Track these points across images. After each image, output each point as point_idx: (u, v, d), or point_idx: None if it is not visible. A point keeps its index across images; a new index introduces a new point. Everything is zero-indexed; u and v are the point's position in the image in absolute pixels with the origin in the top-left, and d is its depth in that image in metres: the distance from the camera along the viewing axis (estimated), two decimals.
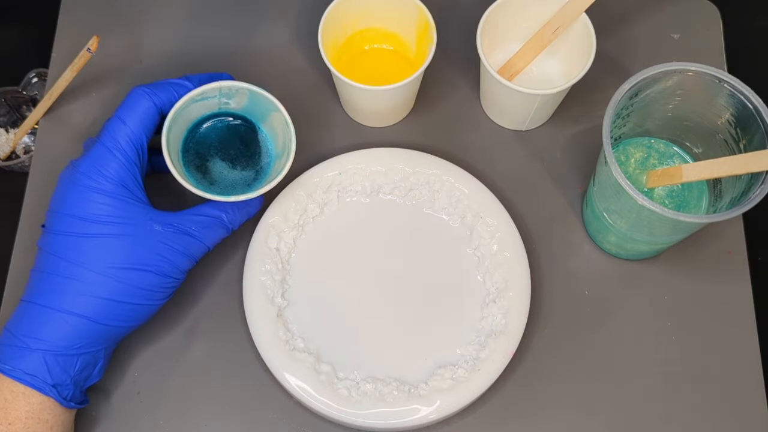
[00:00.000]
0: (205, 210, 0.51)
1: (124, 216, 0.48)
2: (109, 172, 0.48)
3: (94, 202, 0.48)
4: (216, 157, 0.54)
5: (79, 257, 0.47)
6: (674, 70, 0.48)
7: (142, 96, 0.50)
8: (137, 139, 0.49)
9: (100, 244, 0.47)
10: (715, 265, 0.57)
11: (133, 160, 0.49)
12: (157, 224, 0.49)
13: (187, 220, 0.50)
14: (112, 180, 0.48)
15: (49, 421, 0.47)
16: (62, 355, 0.46)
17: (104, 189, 0.48)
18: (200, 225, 0.50)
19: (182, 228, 0.49)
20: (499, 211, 0.56)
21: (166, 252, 0.48)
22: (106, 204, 0.48)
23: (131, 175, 0.49)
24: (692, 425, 0.53)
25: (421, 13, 0.56)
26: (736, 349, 0.54)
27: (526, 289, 0.54)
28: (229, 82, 0.51)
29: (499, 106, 0.59)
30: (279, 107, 0.52)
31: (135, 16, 0.64)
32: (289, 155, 0.52)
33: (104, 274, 0.47)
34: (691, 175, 0.49)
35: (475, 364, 0.52)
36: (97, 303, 0.47)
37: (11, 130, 0.78)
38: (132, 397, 0.53)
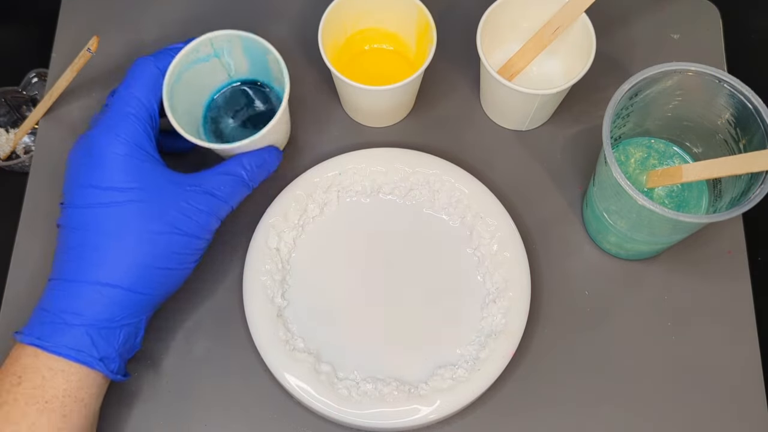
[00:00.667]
0: (225, 168, 0.50)
1: (145, 179, 0.47)
2: (124, 136, 0.48)
3: (112, 168, 0.47)
4: (229, 120, 0.55)
5: (104, 227, 0.46)
6: (674, 70, 0.48)
7: (145, 63, 0.50)
8: (147, 103, 0.49)
9: (124, 210, 0.46)
10: (715, 265, 0.57)
11: (147, 123, 0.49)
12: (179, 185, 0.48)
13: (207, 179, 0.50)
14: (128, 143, 0.47)
15: (84, 399, 0.46)
16: (105, 328, 0.46)
17: (121, 152, 0.47)
18: (221, 183, 0.50)
19: (204, 188, 0.49)
20: (499, 211, 0.56)
21: (191, 213, 0.48)
22: (125, 170, 0.47)
23: (147, 137, 0.48)
24: (692, 425, 0.53)
25: (421, 13, 0.56)
26: (736, 349, 0.54)
27: (526, 289, 0.54)
28: (218, 32, 0.51)
29: (499, 106, 0.59)
30: (269, 48, 0.52)
31: (135, 16, 0.64)
32: (284, 90, 0.51)
33: (133, 240, 0.46)
34: (691, 175, 0.49)
35: (475, 364, 0.52)
36: (130, 271, 0.46)
37: (11, 130, 0.78)
38: (132, 398, 0.53)
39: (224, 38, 0.52)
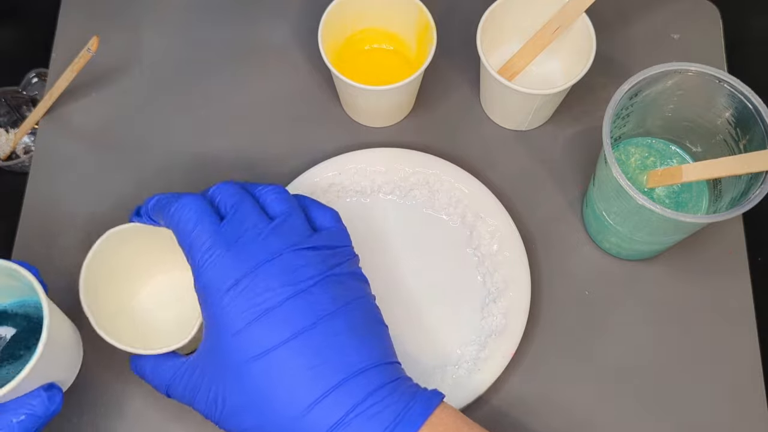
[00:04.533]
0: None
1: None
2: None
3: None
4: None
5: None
6: (674, 70, 0.48)
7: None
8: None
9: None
10: (715, 265, 0.57)
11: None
12: None
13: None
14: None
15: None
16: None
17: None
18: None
19: None
20: (499, 211, 0.56)
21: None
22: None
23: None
24: (692, 425, 0.53)
25: (421, 13, 0.56)
26: (736, 349, 0.54)
27: (526, 289, 0.54)
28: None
29: (499, 106, 0.59)
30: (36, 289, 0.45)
31: (135, 16, 0.65)
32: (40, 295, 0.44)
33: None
34: (691, 175, 0.49)
35: (475, 364, 0.52)
36: None
37: (11, 130, 0.78)
38: (132, 397, 0.53)
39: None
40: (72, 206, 0.58)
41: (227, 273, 0.42)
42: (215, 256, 0.43)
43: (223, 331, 0.42)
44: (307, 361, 0.41)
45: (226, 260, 0.43)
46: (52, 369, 0.45)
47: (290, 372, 0.41)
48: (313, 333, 0.42)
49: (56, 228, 0.58)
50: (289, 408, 0.41)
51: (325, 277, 0.44)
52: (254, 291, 0.42)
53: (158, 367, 0.46)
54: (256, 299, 0.42)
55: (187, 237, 0.44)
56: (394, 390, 0.42)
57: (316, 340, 0.42)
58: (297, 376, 0.41)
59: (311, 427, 0.41)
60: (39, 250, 0.57)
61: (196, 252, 0.43)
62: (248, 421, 0.42)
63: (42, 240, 0.57)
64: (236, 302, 0.42)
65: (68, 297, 0.56)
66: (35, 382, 0.44)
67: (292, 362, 0.41)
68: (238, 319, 0.42)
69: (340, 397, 0.41)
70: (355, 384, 0.41)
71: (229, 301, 0.42)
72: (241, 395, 0.42)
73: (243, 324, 0.42)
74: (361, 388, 0.41)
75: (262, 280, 0.42)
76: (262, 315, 0.42)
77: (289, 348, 0.41)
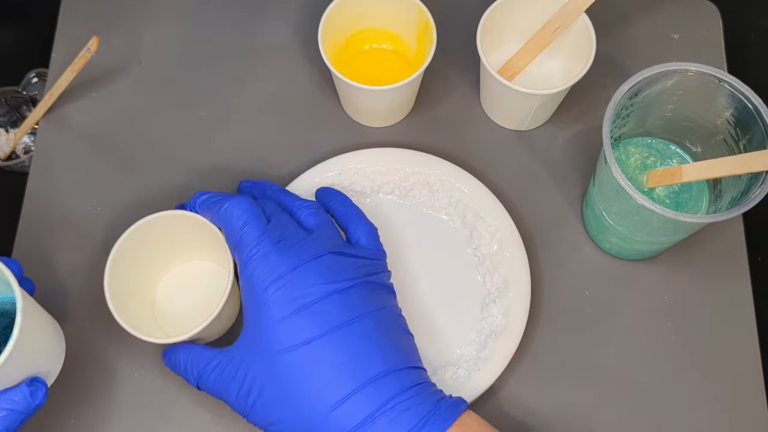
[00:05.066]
0: None
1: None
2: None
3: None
4: None
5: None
6: (674, 70, 0.48)
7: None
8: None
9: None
10: (715, 265, 0.57)
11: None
12: None
13: None
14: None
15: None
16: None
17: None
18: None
19: None
20: (499, 211, 0.56)
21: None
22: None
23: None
24: (692, 425, 0.53)
25: (421, 13, 0.56)
26: (736, 349, 0.54)
27: (526, 289, 0.54)
28: None
29: (499, 106, 0.59)
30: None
31: (135, 16, 0.65)
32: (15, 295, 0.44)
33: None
34: (691, 175, 0.49)
35: (475, 364, 0.52)
36: None
37: (11, 130, 0.78)
38: (133, 399, 0.53)
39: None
40: (72, 206, 0.58)
41: (273, 267, 0.45)
42: (262, 251, 0.46)
43: (264, 320, 0.44)
44: (341, 356, 0.43)
45: (272, 256, 0.45)
46: (31, 360, 0.45)
47: (323, 365, 0.43)
48: (349, 330, 0.44)
49: (56, 228, 0.58)
50: (319, 402, 0.43)
51: (361, 282, 0.46)
52: (296, 286, 0.45)
53: (193, 359, 0.47)
54: (297, 293, 0.44)
55: (237, 233, 0.47)
56: (419, 393, 0.44)
57: (350, 338, 0.44)
58: (330, 370, 0.43)
59: (337, 423, 0.42)
60: (39, 250, 0.57)
61: (244, 247, 0.46)
62: (276, 414, 0.44)
63: (42, 240, 0.57)
64: (279, 294, 0.44)
65: (68, 297, 0.56)
66: (15, 375, 0.44)
67: (326, 356, 0.43)
68: (279, 310, 0.44)
69: (369, 395, 0.43)
70: (384, 384, 0.43)
71: (273, 293, 0.44)
72: (273, 385, 0.44)
73: (284, 314, 0.44)
74: (390, 389, 0.43)
75: (305, 276, 0.45)
76: (303, 308, 0.44)
77: (325, 342, 0.43)
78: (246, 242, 0.46)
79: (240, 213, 0.47)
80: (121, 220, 0.58)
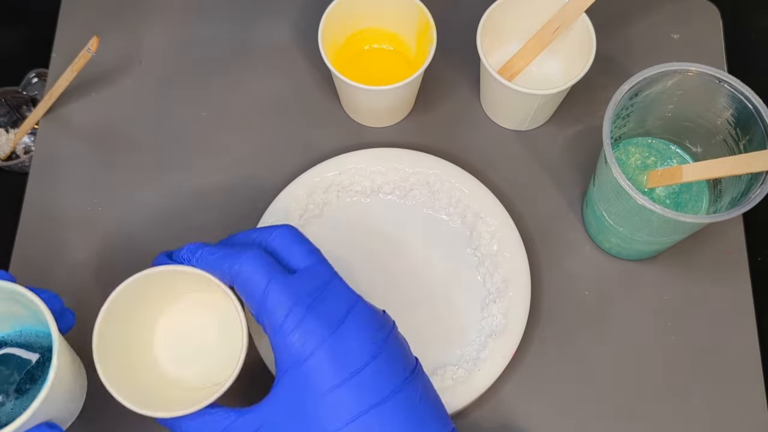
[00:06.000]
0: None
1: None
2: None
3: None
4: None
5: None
6: (674, 70, 0.48)
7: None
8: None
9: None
10: (715, 265, 0.57)
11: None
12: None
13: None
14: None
15: None
16: None
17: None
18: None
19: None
20: (499, 211, 0.56)
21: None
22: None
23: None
24: (692, 425, 0.53)
25: (421, 13, 0.56)
26: (736, 349, 0.54)
27: (526, 289, 0.54)
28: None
29: (499, 106, 0.59)
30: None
31: (135, 16, 0.65)
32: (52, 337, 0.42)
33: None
34: (691, 175, 0.49)
35: (475, 364, 0.52)
36: None
37: (11, 130, 0.78)
38: None
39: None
40: (72, 206, 0.58)
41: (312, 332, 0.41)
42: (297, 317, 0.41)
43: (310, 391, 0.41)
44: (394, 426, 0.41)
45: (308, 321, 0.41)
46: (54, 409, 0.44)
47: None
48: (398, 399, 0.41)
49: (56, 228, 0.58)
50: None
51: (391, 336, 0.43)
52: (341, 350, 0.41)
53: (204, 425, 0.43)
54: (343, 360, 0.41)
55: (260, 297, 0.42)
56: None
57: (400, 406, 0.41)
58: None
59: None
60: (39, 250, 0.57)
61: (274, 314, 0.42)
62: None
63: (42, 240, 0.57)
64: (325, 363, 0.41)
65: (68, 298, 0.56)
66: (39, 417, 0.42)
67: (380, 427, 0.40)
68: (328, 380, 0.40)
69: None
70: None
71: (318, 361, 0.41)
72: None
73: (332, 384, 0.40)
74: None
75: (346, 338, 0.41)
76: (353, 376, 0.41)
77: (378, 414, 0.40)
78: (275, 308, 0.42)
79: (260, 274, 0.42)
80: (121, 221, 0.58)
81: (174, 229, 0.57)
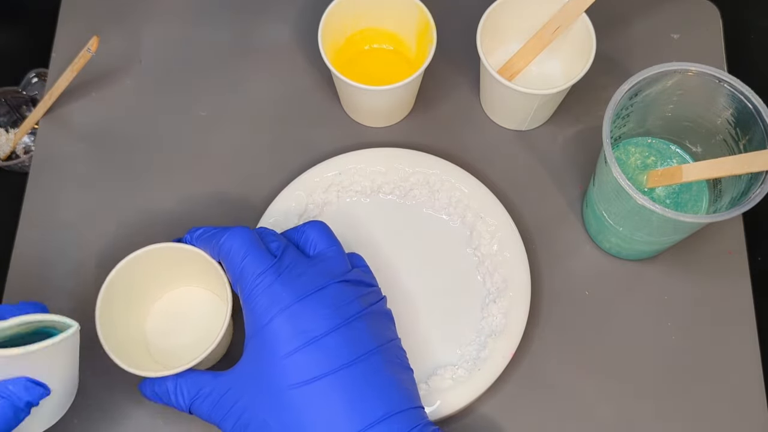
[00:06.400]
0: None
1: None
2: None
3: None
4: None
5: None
6: (674, 70, 0.48)
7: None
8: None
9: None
10: (715, 265, 0.57)
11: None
12: None
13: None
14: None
15: None
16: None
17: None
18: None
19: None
20: (499, 211, 0.56)
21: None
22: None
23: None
24: (692, 425, 0.53)
25: (421, 13, 0.56)
26: (736, 349, 0.54)
27: (526, 289, 0.54)
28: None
29: (499, 106, 0.59)
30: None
31: (135, 16, 0.65)
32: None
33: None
34: (691, 175, 0.49)
35: (475, 364, 0.52)
36: None
37: (11, 130, 0.78)
38: (134, 398, 0.53)
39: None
40: (72, 206, 0.58)
41: (278, 298, 0.44)
42: (266, 281, 0.44)
43: (269, 354, 0.43)
44: (348, 396, 0.42)
45: (276, 286, 0.44)
46: (50, 369, 0.44)
47: (330, 405, 0.42)
48: (356, 369, 0.43)
49: (56, 228, 0.58)
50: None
51: (366, 313, 0.45)
52: (302, 318, 0.43)
53: (183, 385, 0.46)
54: (303, 326, 0.43)
55: (238, 265, 0.45)
56: (423, 429, 0.43)
57: (357, 376, 0.43)
58: (335, 410, 0.42)
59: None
60: (38, 250, 0.57)
61: (247, 278, 0.45)
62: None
63: (42, 240, 0.57)
64: (284, 328, 0.43)
65: (68, 298, 0.56)
66: (30, 364, 0.42)
67: (333, 395, 0.42)
68: (285, 344, 0.43)
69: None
70: (386, 427, 0.42)
71: (278, 325, 0.43)
72: (275, 421, 0.43)
73: (290, 349, 0.43)
74: (397, 428, 0.42)
75: (310, 308, 0.44)
76: (310, 343, 0.43)
77: (333, 380, 0.42)
78: (248, 273, 0.45)
79: (240, 244, 0.46)
80: (121, 221, 0.58)
81: (174, 229, 0.57)
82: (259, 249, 0.46)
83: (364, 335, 0.44)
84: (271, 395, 0.43)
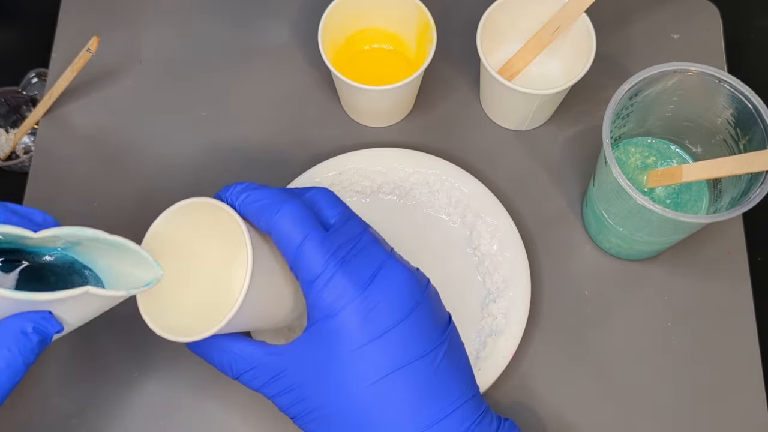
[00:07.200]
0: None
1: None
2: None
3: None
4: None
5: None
6: (674, 70, 0.48)
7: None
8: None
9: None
10: (715, 265, 0.57)
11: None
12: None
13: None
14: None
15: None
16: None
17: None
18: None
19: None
20: (499, 211, 0.56)
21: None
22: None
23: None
24: (692, 425, 0.53)
25: (421, 13, 0.56)
26: (736, 349, 0.54)
27: (526, 289, 0.54)
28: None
29: (499, 106, 0.59)
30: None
31: (135, 16, 0.65)
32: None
33: None
34: (691, 175, 0.49)
35: (475, 364, 0.52)
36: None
37: (11, 130, 0.78)
38: (134, 398, 0.53)
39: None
40: (72, 206, 0.58)
41: (343, 291, 0.42)
42: (328, 273, 0.42)
43: (335, 347, 0.41)
44: (417, 391, 0.41)
45: (339, 277, 0.42)
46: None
47: (399, 401, 0.41)
48: (425, 360, 0.42)
49: None
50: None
51: (426, 297, 0.44)
52: (369, 309, 0.42)
53: (231, 361, 0.44)
54: (372, 318, 0.41)
55: (294, 250, 0.43)
56: (485, 417, 0.43)
57: (427, 368, 0.42)
58: (405, 405, 0.41)
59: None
60: None
61: (305, 267, 0.42)
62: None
63: None
64: (352, 323, 0.41)
65: None
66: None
67: (401, 391, 0.41)
68: (354, 338, 0.41)
69: (447, 427, 0.42)
70: (461, 414, 0.42)
71: (345, 318, 0.41)
72: (338, 414, 0.42)
73: (359, 344, 0.41)
74: (465, 418, 0.42)
75: (377, 297, 0.42)
76: (379, 337, 0.41)
77: (403, 375, 0.41)
78: (308, 264, 0.42)
79: (296, 230, 0.42)
80: (121, 220, 0.58)
81: None
82: (315, 232, 0.42)
83: (429, 322, 0.43)
84: (334, 389, 0.41)
